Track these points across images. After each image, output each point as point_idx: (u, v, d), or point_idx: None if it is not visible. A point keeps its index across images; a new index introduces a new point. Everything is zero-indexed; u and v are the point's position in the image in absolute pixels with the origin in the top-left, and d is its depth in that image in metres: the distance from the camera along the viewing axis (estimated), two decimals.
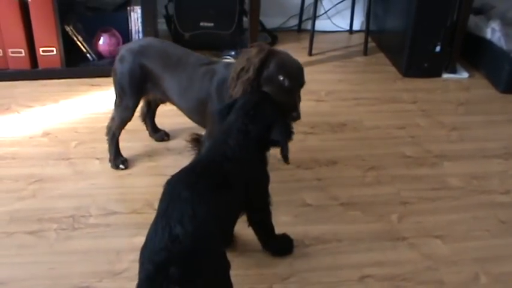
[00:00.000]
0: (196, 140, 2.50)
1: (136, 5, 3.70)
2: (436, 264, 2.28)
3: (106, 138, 2.75)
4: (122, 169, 2.74)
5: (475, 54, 4.03)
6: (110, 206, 2.49)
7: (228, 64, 2.44)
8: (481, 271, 2.26)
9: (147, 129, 2.98)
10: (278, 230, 2.37)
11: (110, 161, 2.76)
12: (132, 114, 2.68)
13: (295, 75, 2.21)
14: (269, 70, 2.18)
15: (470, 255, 2.34)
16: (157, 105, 2.89)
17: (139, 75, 2.53)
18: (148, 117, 2.94)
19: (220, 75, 2.38)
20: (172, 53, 2.55)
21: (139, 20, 3.71)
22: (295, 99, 2.20)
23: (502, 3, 4.37)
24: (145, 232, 2.28)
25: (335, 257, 2.28)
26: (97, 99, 3.34)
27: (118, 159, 2.76)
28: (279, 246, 2.29)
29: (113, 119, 2.71)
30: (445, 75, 3.90)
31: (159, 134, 2.99)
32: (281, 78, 2.16)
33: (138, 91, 2.59)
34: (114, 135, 2.73)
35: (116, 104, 2.67)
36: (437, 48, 3.80)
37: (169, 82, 2.51)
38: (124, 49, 2.61)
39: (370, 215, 2.52)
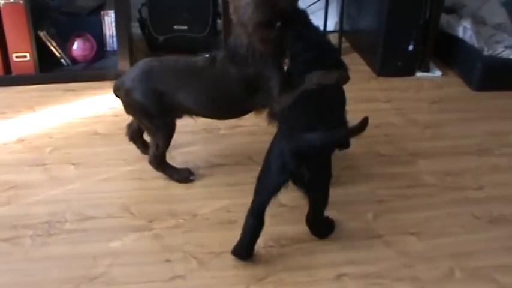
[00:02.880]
0: (272, 115, 2.54)
1: (110, 9, 3.70)
2: (412, 261, 2.30)
3: (155, 168, 2.68)
4: (193, 180, 2.70)
5: (447, 52, 4.07)
6: (85, 211, 2.47)
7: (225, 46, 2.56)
8: (456, 266, 2.28)
9: (138, 148, 2.89)
10: None
11: (177, 181, 2.69)
12: (175, 127, 2.62)
13: None
14: None
15: (445, 251, 2.36)
16: None
17: (156, 95, 2.50)
18: (137, 137, 2.86)
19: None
20: (177, 67, 2.56)
21: (113, 24, 3.70)
22: None
23: (473, 2, 4.42)
24: (122, 236, 2.32)
25: (311, 256, 2.29)
26: (72, 105, 3.33)
27: (183, 173, 2.71)
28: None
29: (156, 146, 2.61)
30: (419, 74, 3.94)
31: None
32: None
33: (164, 106, 2.52)
34: (161, 161, 2.67)
35: (153, 131, 2.59)
36: (410, 47, 3.84)
37: (189, 94, 2.53)
38: (127, 80, 2.55)
39: (345, 214, 2.53)
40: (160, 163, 2.68)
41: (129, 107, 2.59)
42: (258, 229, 2.20)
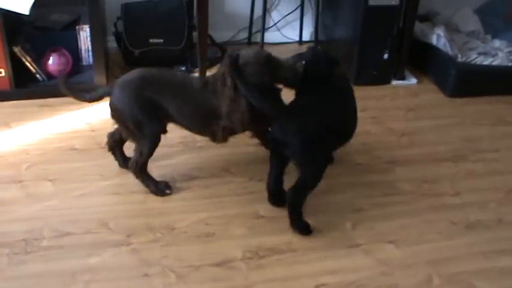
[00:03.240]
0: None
1: (85, 23, 3.68)
2: (390, 268, 2.32)
3: (134, 176, 2.68)
4: (169, 194, 2.69)
5: (422, 60, 4.11)
6: (63, 228, 2.46)
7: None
8: (434, 273, 2.30)
9: (117, 160, 2.88)
10: (232, 243, 2.40)
11: (152, 192, 2.69)
12: (160, 139, 2.63)
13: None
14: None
15: (423, 258, 2.38)
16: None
17: (147, 103, 2.53)
18: (117, 147, 2.85)
19: None
20: (172, 81, 2.62)
21: (89, 38, 3.69)
22: None
23: (446, 10, 4.48)
24: (100, 252, 2.30)
25: (290, 267, 2.29)
26: (48, 120, 3.30)
27: (160, 186, 2.70)
28: None
29: (140, 153, 2.61)
30: (394, 82, 3.96)
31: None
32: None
33: (154, 114, 2.55)
34: (142, 168, 2.67)
35: (139, 138, 2.60)
36: (385, 56, 3.86)
37: (179, 109, 2.58)
38: (120, 85, 2.58)
39: (324, 224, 2.54)
40: (141, 171, 2.67)
41: (117, 113, 2.59)
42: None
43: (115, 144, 2.83)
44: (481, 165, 3.06)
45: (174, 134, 2.88)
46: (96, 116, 3.32)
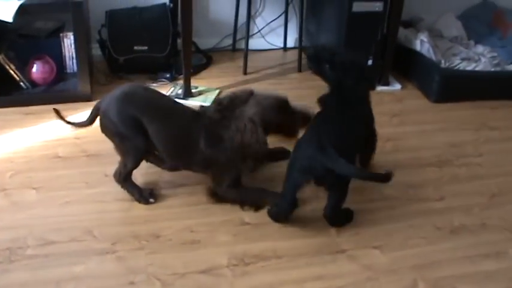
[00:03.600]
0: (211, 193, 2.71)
1: (69, 31, 3.67)
2: (376, 274, 2.32)
3: (119, 185, 2.69)
4: (153, 202, 2.68)
5: (406, 66, 4.13)
6: (48, 236, 2.44)
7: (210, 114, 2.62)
8: (419, 278, 2.31)
9: (154, 163, 2.91)
10: (218, 250, 2.39)
11: (136, 200, 2.68)
12: (144, 154, 2.68)
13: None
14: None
15: (408, 263, 2.39)
16: None
17: (132, 120, 2.56)
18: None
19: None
20: (159, 103, 2.66)
21: (73, 46, 3.68)
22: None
23: (430, 16, 4.51)
24: (85, 260, 2.30)
25: (276, 273, 2.29)
26: (32, 128, 3.29)
27: (144, 194, 2.69)
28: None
29: (124, 165, 2.64)
30: (379, 88, 3.98)
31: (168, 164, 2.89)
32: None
33: (138, 130, 2.57)
34: (126, 178, 2.68)
35: (124, 151, 2.64)
36: (370, 62, 3.88)
37: (159, 133, 2.60)
38: (107, 100, 2.63)
39: (309, 230, 2.54)
40: (125, 180, 2.68)
41: (104, 126, 2.63)
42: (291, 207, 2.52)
43: None
44: (465, 169, 3.08)
45: None
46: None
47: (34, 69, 3.62)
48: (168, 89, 3.77)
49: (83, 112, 3.41)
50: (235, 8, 4.37)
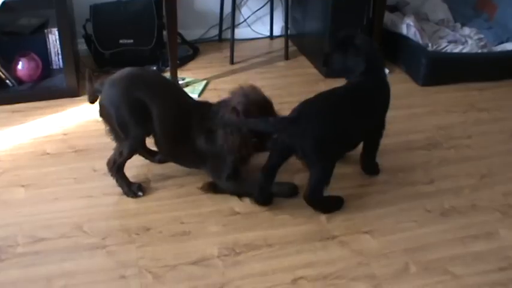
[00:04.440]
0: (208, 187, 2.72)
1: (54, 27, 3.65)
2: (367, 259, 2.32)
3: (109, 174, 2.68)
4: (141, 196, 2.68)
5: (393, 50, 4.12)
6: (37, 233, 2.43)
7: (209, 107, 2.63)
8: (410, 261, 2.32)
9: (143, 156, 2.90)
10: (208, 240, 2.40)
11: (125, 193, 2.68)
12: (142, 144, 2.70)
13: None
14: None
15: (399, 246, 2.40)
16: None
17: (135, 102, 2.54)
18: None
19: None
20: (165, 86, 2.67)
21: (58, 41, 3.66)
22: None
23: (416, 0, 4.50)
24: (75, 256, 2.29)
25: (267, 262, 2.29)
26: (19, 126, 3.27)
27: (133, 188, 2.68)
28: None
29: (120, 153, 2.62)
30: None
31: (158, 155, 2.90)
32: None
33: (141, 118, 2.56)
34: (119, 168, 2.66)
35: (122, 139, 2.62)
36: None
37: (161, 124, 2.59)
38: (109, 80, 2.60)
39: (299, 217, 2.54)
40: (117, 171, 2.67)
41: (104, 110, 2.60)
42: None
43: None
44: (453, 152, 3.08)
45: None
46: (68, 120, 3.30)
47: (19, 66, 3.60)
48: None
49: (70, 108, 3.41)
50: None
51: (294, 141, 2.39)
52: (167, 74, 3.77)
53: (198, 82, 3.79)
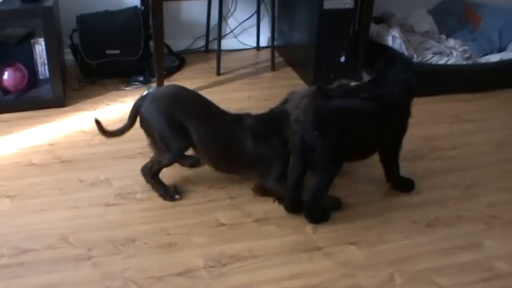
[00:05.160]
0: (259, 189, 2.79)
1: (40, 36, 3.64)
2: (353, 270, 2.33)
3: (144, 179, 2.75)
4: (178, 199, 2.71)
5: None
6: (22, 244, 2.42)
7: (256, 116, 2.75)
8: (395, 272, 2.32)
9: (182, 165, 2.96)
10: (194, 252, 2.39)
11: (161, 196, 2.73)
12: (182, 155, 2.78)
13: None
14: None
15: (385, 257, 2.41)
16: None
17: (175, 120, 2.62)
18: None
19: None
20: (203, 107, 2.74)
21: (44, 51, 3.65)
22: None
23: (401, 11, 4.53)
24: (61, 267, 2.28)
25: (252, 273, 2.29)
26: (5, 136, 3.25)
27: (170, 191, 2.74)
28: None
29: (158, 162, 2.70)
30: (353, 84, 3.98)
31: (190, 159, 2.94)
32: None
33: (181, 132, 2.64)
34: (154, 175, 2.73)
35: (162, 149, 2.67)
36: (342, 59, 3.90)
37: (202, 138, 2.68)
38: (152, 95, 2.73)
39: (284, 229, 2.55)
40: (153, 176, 2.73)
41: (145, 122, 2.68)
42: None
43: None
44: (439, 163, 3.10)
45: (134, 145, 2.90)
46: (54, 130, 3.29)
47: (5, 76, 3.59)
48: (141, 92, 3.76)
49: (56, 119, 3.40)
50: (207, 9, 4.35)
51: (314, 143, 2.43)
52: (154, 85, 3.77)
53: None
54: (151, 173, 2.72)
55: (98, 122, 2.75)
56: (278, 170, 2.68)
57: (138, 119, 2.70)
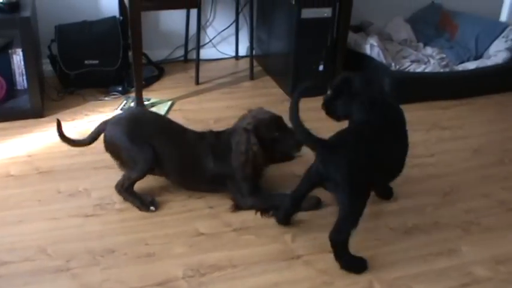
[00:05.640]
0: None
1: (18, 47, 3.62)
2: (332, 278, 2.34)
3: (120, 195, 2.76)
4: (153, 210, 2.71)
5: (357, 70, 4.15)
6: (0, 257, 2.39)
7: (217, 133, 2.82)
8: (374, 279, 2.34)
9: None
10: (173, 262, 2.39)
11: (137, 208, 2.73)
12: (150, 167, 2.73)
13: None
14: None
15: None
16: None
17: (140, 138, 2.71)
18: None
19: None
20: (166, 127, 2.83)
21: (22, 62, 3.62)
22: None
23: (379, 20, 4.57)
24: (39, 279, 2.27)
25: (231, 283, 2.30)
26: None
27: (146, 202, 2.74)
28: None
29: (128, 178, 2.74)
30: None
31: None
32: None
33: (147, 146, 2.70)
34: (128, 189, 2.75)
35: (130, 167, 2.74)
36: (321, 67, 3.92)
37: (167, 158, 2.75)
38: (113, 120, 2.80)
39: (263, 238, 2.56)
40: (126, 190, 2.74)
41: (110, 146, 2.77)
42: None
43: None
44: (417, 170, 3.12)
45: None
46: (32, 141, 3.27)
47: None
48: (120, 102, 3.75)
49: (35, 130, 3.38)
50: (185, 18, 4.36)
51: (329, 169, 2.35)
52: (132, 95, 3.76)
53: (164, 103, 3.79)
54: (124, 189, 2.73)
55: (59, 124, 2.82)
56: (248, 185, 2.72)
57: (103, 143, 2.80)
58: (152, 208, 2.72)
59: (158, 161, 2.72)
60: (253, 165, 2.67)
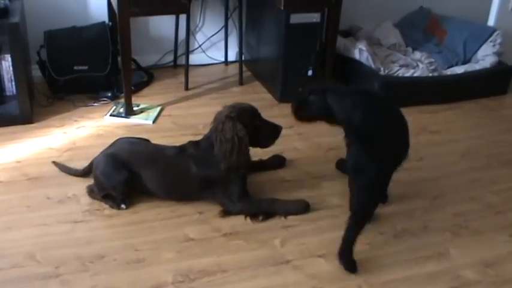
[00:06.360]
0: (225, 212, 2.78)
1: (7, 52, 3.61)
2: (321, 282, 2.35)
3: (91, 199, 2.83)
4: (124, 209, 2.75)
5: (346, 75, 4.17)
6: None
7: (196, 142, 2.81)
8: (364, 284, 2.35)
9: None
10: (163, 267, 2.39)
11: (110, 207, 2.77)
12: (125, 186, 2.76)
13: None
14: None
15: None
16: None
17: (122, 168, 2.74)
18: None
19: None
20: (144, 151, 2.84)
21: (11, 67, 3.61)
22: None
23: (368, 24, 4.59)
24: (28, 286, 2.26)
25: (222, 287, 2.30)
26: None
27: (117, 201, 2.77)
28: None
29: (97, 193, 2.82)
30: None
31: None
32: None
33: (127, 173, 2.74)
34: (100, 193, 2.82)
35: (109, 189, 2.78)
36: (310, 72, 3.92)
37: (151, 178, 2.77)
38: (99, 156, 2.83)
39: (253, 243, 2.56)
40: (96, 196, 2.82)
41: (95, 177, 2.80)
42: None
43: None
44: (406, 174, 3.11)
45: None
46: (21, 147, 3.26)
47: None
48: (109, 108, 3.75)
49: (24, 136, 3.37)
50: (175, 24, 4.36)
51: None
52: (122, 101, 3.76)
53: (153, 108, 3.79)
54: (95, 195, 2.82)
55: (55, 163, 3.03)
56: (237, 188, 2.73)
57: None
58: (123, 206, 2.74)
59: (144, 186, 2.77)
60: (239, 153, 2.65)
